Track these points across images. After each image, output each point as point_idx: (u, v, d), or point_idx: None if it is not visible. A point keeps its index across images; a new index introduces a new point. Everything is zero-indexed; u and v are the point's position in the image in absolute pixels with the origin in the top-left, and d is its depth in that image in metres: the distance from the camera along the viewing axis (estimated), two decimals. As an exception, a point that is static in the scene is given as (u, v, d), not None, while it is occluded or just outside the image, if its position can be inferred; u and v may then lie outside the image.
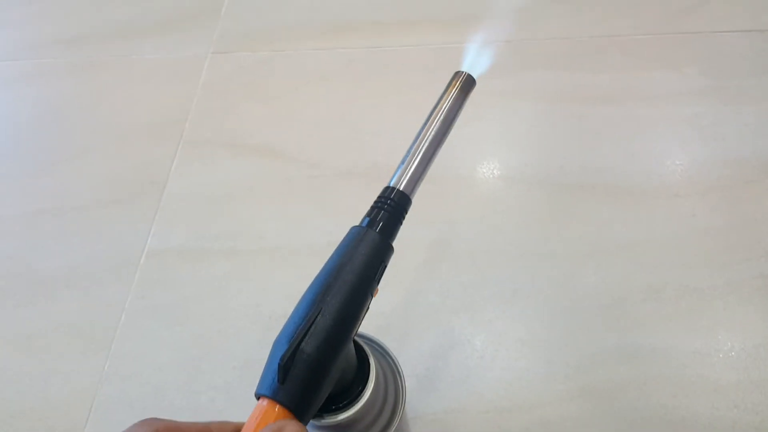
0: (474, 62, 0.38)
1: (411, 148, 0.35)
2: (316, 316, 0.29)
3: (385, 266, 0.33)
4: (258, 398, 0.29)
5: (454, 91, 0.37)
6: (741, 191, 0.65)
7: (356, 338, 0.36)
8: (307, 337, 0.29)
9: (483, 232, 0.66)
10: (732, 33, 0.77)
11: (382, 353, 0.41)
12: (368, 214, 0.33)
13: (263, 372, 0.30)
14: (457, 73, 0.38)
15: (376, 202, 0.34)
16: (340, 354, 0.30)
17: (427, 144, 0.35)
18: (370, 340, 0.41)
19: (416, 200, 0.36)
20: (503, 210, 0.68)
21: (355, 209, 0.37)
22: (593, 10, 0.83)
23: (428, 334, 0.60)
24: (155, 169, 0.77)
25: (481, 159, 0.72)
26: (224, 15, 0.92)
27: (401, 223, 0.34)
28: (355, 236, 0.32)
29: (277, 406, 0.29)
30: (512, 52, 0.80)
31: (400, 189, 0.34)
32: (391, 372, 0.40)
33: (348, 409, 0.33)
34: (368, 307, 0.32)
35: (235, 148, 0.78)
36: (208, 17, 0.92)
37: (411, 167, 0.35)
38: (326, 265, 0.32)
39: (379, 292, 0.33)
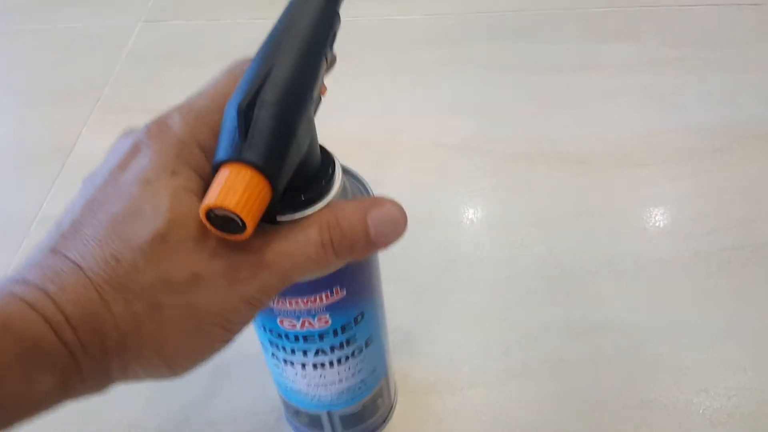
0: None
1: None
2: (270, 69, 0.25)
3: (335, 33, 0.29)
4: (216, 170, 0.24)
5: None
6: (708, 160, 0.58)
7: None
8: (264, 87, 0.25)
9: (419, 199, 0.58)
10: (696, 7, 0.72)
11: (351, 175, 0.34)
12: None
13: (218, 143, 0.24)
14: None
15: None
16: (303, 110, 0.26)
17: None
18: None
19: (352, 161, 0.31)
20: (442, 177, 0.60)
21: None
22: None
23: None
24: (63, 136, 0.69)
25: (422, 126, 0.65)
26: (159, -12, 0.86)
27: None
28: (295, 3, 0.28)
29: (244, 168, 0.23)
30: (462, 24, 0.74)
31: None
32: (360, 192, 0.33)
33: (315, 203, 0.27)
34: (320, 95, 0.28)
35: (154, 115, 0.70)
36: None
37: None
38: (269, 32, 0.27)
39: (327, 90, 0.29)
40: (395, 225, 0.27)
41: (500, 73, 0.68)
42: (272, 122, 0.24)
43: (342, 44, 0.31)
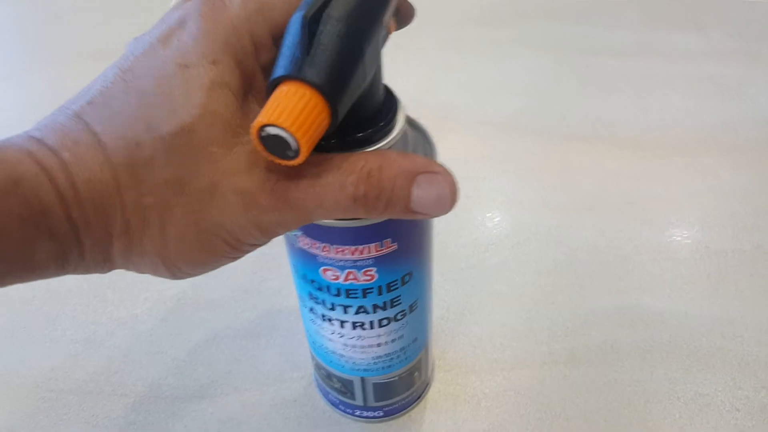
0: None
1: None
2: None
3: None
4: (272, 89, 0.21)
5: None
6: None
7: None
8: (332, 2, 0.22)
9: (467, 176, 0.56)
10: (763, 1, 0.68)
11: (411, 122, 0.31)
12: None
13: (277, 58, 0.22)
14: None
15: None
16: (372, 33, 0.23)
17: None
18: None
19: None
20: (490, 155, 0.57)
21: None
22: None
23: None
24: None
25: (472, 104, 0.62)
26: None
27: None
28: None
29: (304, 87, 0.21)
30: (517, 4, 0.71)
31: None
32: (422, 150, 0.30)
33: (376, 141, 0.25)
34: (388, 29, 0.25)
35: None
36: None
37: None
38: None
39: (395, 27, 0.27)
40: (441, 201, 0.24)
41: (555, 54, 0.65)
42: (338, 40, 0.22)
43: None
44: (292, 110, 0.21)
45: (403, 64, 0.65)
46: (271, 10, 0.24)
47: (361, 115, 0.25)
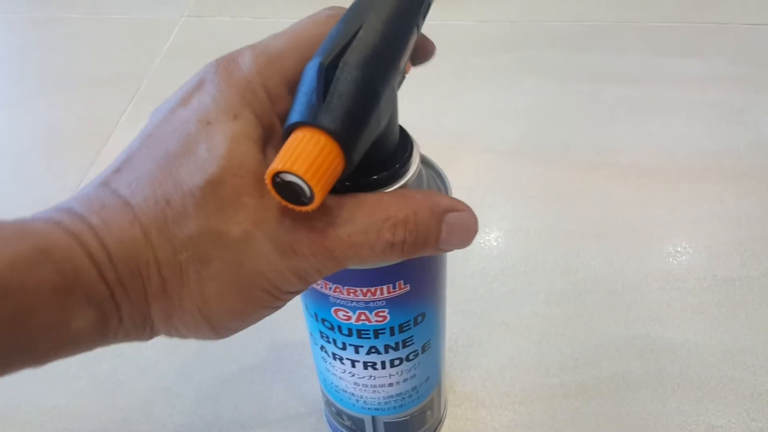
0: None
1: None
2: (358, 30, 0.23)
3: (429, 5, 0.26)
4: (287, 135, 0.22)
5: None
6: (777, 179, 0.55)
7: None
8: (350, 47, 0.22)
9: (472, 204, 0.55)
10: (762, 26, 0.69)
11: (425, 160, 0.31)
12: None
13: (294, 104, 0.22)
14: None
15: None
16: (389, 78, 0.23)
17: None
18: None
19: None
20: (495, 182, 0.57)
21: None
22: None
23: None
24: (101, 123, 0.67)
25: (475, 131, 0.62)
26: (206, -17, 0.85)
27: None
28: None
29: (318, 133, 0.21)
30: (518, 31, 0.71)
31: None
32: (435, 183, 0.31)
33: (392, 182, 0.26)
34: (405, 69, 0.26)
35: (195, 107, 0.68)
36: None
37: None
38: None
39: (412, 67, 0.27)
40: (467, 234, 0.25)
41: (558, 81, 0.66)
42: (354, 87, 0.22)
43: None
44: (307, 157, 0.20)
45: (405, 92, 0.65)
46: (282, 62, 0.24)
47: (378, 157, 0.25)
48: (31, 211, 0.22)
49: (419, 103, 0.64)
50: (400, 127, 0.27)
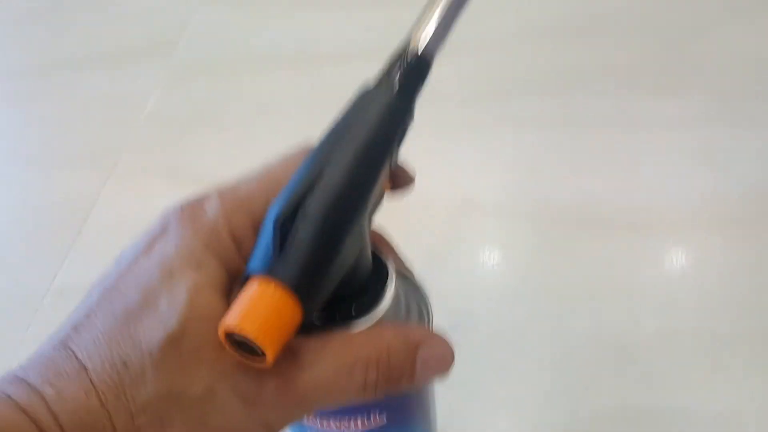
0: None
1: (427, 5, 0.27)
2: (321, 172, 0.22)
3: (405, 131, 0.26)
4: (245, 282, 0.21)
5: None
6: (765, 225, 0.54)
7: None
8: (311, 195, 0.22)
9: (457, 265, 0.55)
10: (738, 61, 0.68)
11: (404, 277, 0.30)
12: (381, 74, 0.26)
13: (252, 253, 0.22)
14: None
15: (390, 61, 0.26)
16: (353, 223, 0.23)
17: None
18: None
19: (382, 218, 0.28)
20: (480, 243, 0.56)
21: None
22: (586, 40, 0.74)
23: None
24: (79, 201, 0.67)
25: (452, 188, 0.61)
26: (182, 47, 0.84)
27: (421, 89, 0.26)
28: (365, 94, 0.25)
29: (273, 286, 0.20)
30: (495, 79, 0.71)
31: (420, 46, 0.26)
32: (415, 298, 0.29)
33: (362, 317, 0.25)
34: (383, 190, 0.26)
35: (174, 179, 0.68)
36: (164, 49, 0.84)
37: (433, 19, 0.26)
38: (331, 123, 0.24)
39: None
40: (443, 365, 0.25)
41: (537, 129, 0.65)
42: (312, 238, 0.21)
43: None
44: (260, 314, 0.20)
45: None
46: (250, 204, 0.24)
47: (349, 290, 0.24)
48: (11, 302, 0.21)
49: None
50: (375, 253, 0.27)
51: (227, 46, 0.84)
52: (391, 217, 0.30)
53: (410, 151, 0.27)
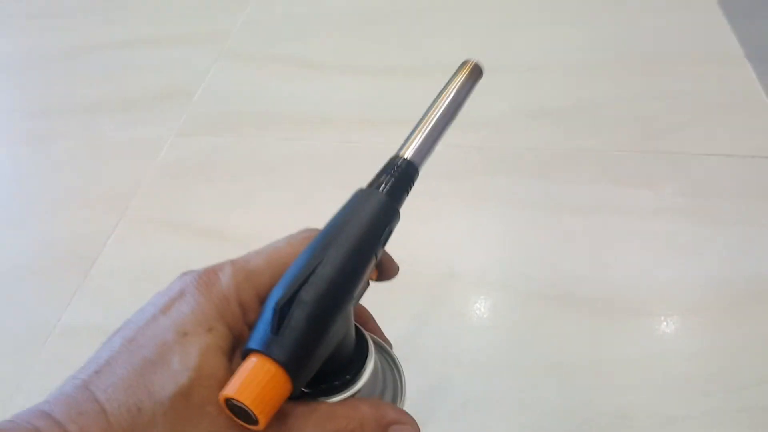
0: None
1: (420, 121, 0.34)
2: (317, 266, 0.27)
3: (391, 230, 0.31)
4: (244, 357, 0.25)
5: (462, 77, 0.36)
6: (723, 315, 0.59)
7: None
8: (306, 286, 0.26)
9: (435, 335, 0.59)
10: (711, 156, 0.74)
11: (383, 351, 0.35)
12: (374, 179, 0.32)
13: (253, 330, 0.26)
14: (466, 61, 0.37)
15: (383, 168, 0.32)
16: (341, 310, 0.27)
17: (436, 119, 0.34)
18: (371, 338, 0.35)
19: (368, 295, 0.32)
20: (457, 315, 0.61)
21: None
22: (568, 125, 0.80)
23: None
24: (88, 243, 0.71)
25: (438, 261, 0.66)
26: (197, 100, 0.90)
27: (408, 193, 0.32)
28: (360, 196, 0.30)
29: (269, 362, 0.24)
30: (481, 158, 0.76)
31: (408, 158, 0.32)
32: (391, 371, 0.34)
33: (343, 390, 0.29)
34: (370, 277, 0.30)
35: (180, 229, 0.72)
36: (179, 100, 0.90)
37: (419, 138, 0.33)
38: (329, 222, 0.29)
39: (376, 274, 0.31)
40: None
41: (519, 208, 0.70)
42: (305, 323, 0.25)
43: (360, 173, 0.33)
44: (256, 385, 0.24)
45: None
46: (258, 278, 0.28)
47: (334, 366, 0.29)
48: (17, 338, 0.24)
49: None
50: (358, 329, 0.31)
51: (241, 101, 0.89)
52: (378, 286, 0.34)
53: (401, 223, 0.31)
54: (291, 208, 0.73)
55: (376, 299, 0.34)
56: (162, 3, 1.12)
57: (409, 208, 0.32)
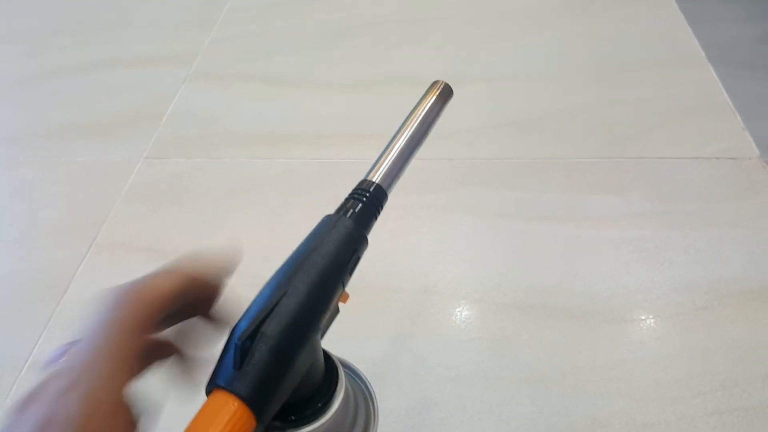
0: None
1: (388, 145, 0.34)
2: (281, 298, 0.26)
3: (359, 257, 0.30)
4: (208, 393, 0.25)
5: (432, 98, 0.36)
6: (692, 319, 0.60)
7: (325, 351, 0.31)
8: (269, 319, 0.26)
9: (409, 349, 0.59)
10: (677, 160, 0.75)
11: (354, 376, 0.34)
12: (342, 204, 0.31)
13: (216, 364, 0.26)
14: (435, 82, 0.37)
15: (351, 193, 0.32)
16: (305, 343, 0.26)
17: (405, 142, 0.34)
18: (342, 362, 0.34)
19: (344, 314, 0.31)
20: (433, 327, 0.61)
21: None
22: (537, 135, 0.81)
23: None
24: (58, 273, 0.70)
25: (412, 273, 0.66)
26: (165, 122, 0.89)
27: (376, 218, 0.32)
28: (327, 222, 0.30)
29: (232, 399, 0.24)
30: (453, 169, 0.77)
31: (377, 182, 0.32)
32: (363, 396, 0.34)
33: (313, 421, 0.28)
34: (337, 306, 0.29)
35: (150, 253, 0.71)
36: (147, 124, 0.89)
37: (388, 162, 0.33)
38: (295, 251, 0.29)
39: (349, 297, 0.30)
40: None
41: (490, 219, 0.70)
42: (268, 356, 0.25)
43: (332, 189, 0.33)
44: (219, 422, 0.24)
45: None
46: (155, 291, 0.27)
47: (302, 396, 0.29)
48: None
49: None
50: (327, 355, 0.31)
51: (210, 122, 0.89)
52: (353, 302, 0.33)
53: (372, 239, 0.31)
54: (262, 229, 0.73)
55: (350, 318, 0.34)
56: (129, 25, 1.12)
57: (380, 222, 0.32)
